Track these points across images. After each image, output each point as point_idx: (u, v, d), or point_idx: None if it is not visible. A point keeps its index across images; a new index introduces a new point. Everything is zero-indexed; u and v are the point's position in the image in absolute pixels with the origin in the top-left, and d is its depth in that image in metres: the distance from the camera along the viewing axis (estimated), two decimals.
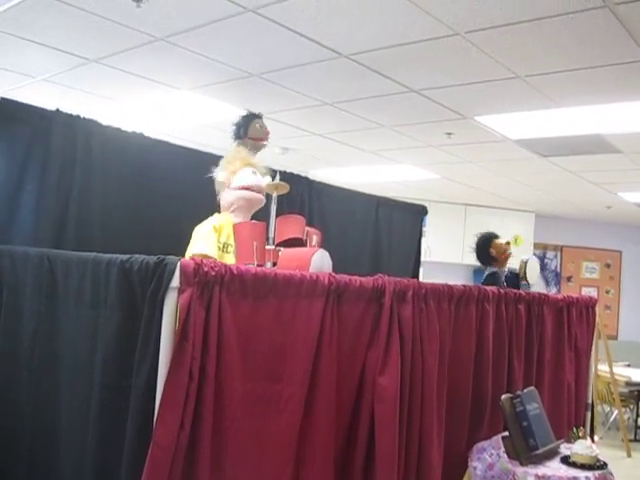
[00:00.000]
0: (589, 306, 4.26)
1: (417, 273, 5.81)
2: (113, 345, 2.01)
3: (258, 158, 3.39)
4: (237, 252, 2.89)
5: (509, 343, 3.38)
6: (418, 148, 6.31)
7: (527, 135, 5.51)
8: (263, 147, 3.53)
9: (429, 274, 8.04)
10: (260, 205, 3.26)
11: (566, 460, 3.09)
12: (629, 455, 6.47)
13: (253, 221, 3.02)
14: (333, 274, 2.40)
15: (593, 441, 3.56)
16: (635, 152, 5.78)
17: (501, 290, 3.38)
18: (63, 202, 3.23)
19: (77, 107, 3.59)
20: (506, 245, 4.23)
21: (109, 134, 3.46)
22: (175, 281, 1.86)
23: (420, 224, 5.90)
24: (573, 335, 4.01)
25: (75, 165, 3.29)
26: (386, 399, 2.43)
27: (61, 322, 2.31)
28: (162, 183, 3.63)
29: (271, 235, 3.08)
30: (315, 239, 3.11)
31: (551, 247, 10.56)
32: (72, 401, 2.18)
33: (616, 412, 7.08)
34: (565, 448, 3.27)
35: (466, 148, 6.16)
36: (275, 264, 2.83)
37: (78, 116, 3.33)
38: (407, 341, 2.57)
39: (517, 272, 4.13)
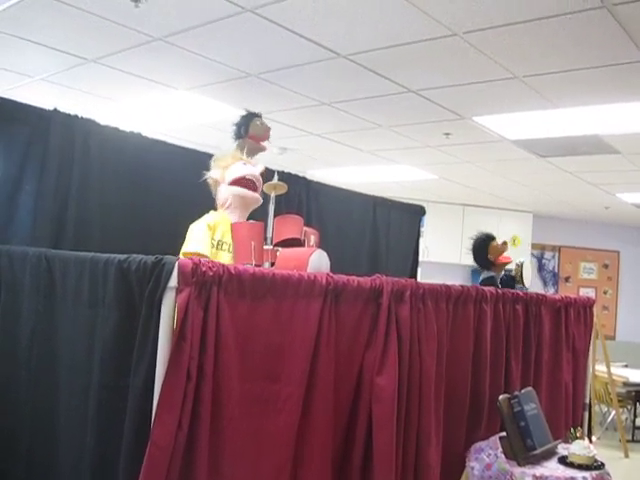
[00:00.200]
0: (587, 306, 4.26)
1: (415, 273, 5.81)
2: (111, 345, 2.01)
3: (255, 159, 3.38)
4: (235, 252, 2.89)
5: (507, 343, 3.38)
6: (416, 148, 6.31)
7: (525, 135, 5.51)
8: (263, 150, 3.50)
9: (427, 274, 8.05)
10: (256, 202, 3.23)
11: (564, 460, 3.10)
12: (626, 455, 6.48)
13: (251, 221, 3.02)
14: (331, 274, 2.40)
15: (591, 441, 3.55)
16: (633, 153, 5.78)
17: (499, 290, 3.39)
18: (61, 202, 3.23)
19: (75, 107, 3.59)
20: (503, 245, 4.16)
21: (107, 134, 3.46)
22: (173, 281, 1.86)
23: (418, 224, 5.90)
24: (571, 335, 4.02)
25: (73, 165, 3.29)
26: (384, 399, 2.43)
27: (59, 322, 2.31)
28: (160, 182, 3.63)
29: (269, 235, 3.08)
30: (313, 239, 3.11)
31: (549, 247, 10.57)
32: (70, 400, 2.18)
33: (614, 412, 7.08)
34: (563, 448, 3.27)
35: (464, 148, 6.16)
36: (273, 264, 2.84)
37: (76, 116, 3.33)
38: (405, 341, 2.58)
39: (512, 274, 4.12)
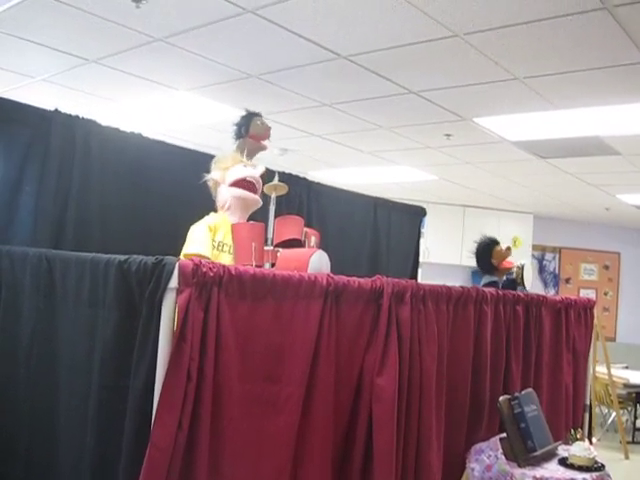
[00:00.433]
0: (587, 308, 4.26)
1: (415, 274, 5.81)
2: (111, 345, 2.01)
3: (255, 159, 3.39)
4: (236, 253, 2.89)
5: (507, 344, 3.38)
6: (417, 149, 6.31)
7: (526, 137, 5.51)
8: (264, 149, 3.50)
9: (427, 275, 8.05)
10: (256, 204, 3.24)
11: (564, 462, 3.10)
12: (627, 457, 6.47)
13: (252, 222, 3.02)
14: (331, 275, 2.40)
15: (591, 443, 3.55)
16: (634, 154, 5.78)
17: (499, 291, 3.39)
18: (62, 202, 3.23)
19: (76, 107, 3.58)
20: (507, 251, 4.16)
21: (108, 134, 3.46)
22: (173, 282, 1.86)
23: (418, 225, 5.90)
24: (571, 337, 4.02)
25: (74, 165, 3.28)
26: (384, 399, 2.43)
27: (59, 322, 2.31)
28: (160, 183, 3.63)
29: (270, 236, 3.08)
30: (313, 240, 3.11)
31: (549, 249, 10.57)
32: (70, 401, 2.18)
33: (614, 414, 7.08)
34: (563, 450, 3.27)
35: (465, 149, 6.16)
36: (274, 265, 2.84)
37: (77, 116, 3.33)
38: (405, 342, 2.57)
39: (513, 277, 4.12)
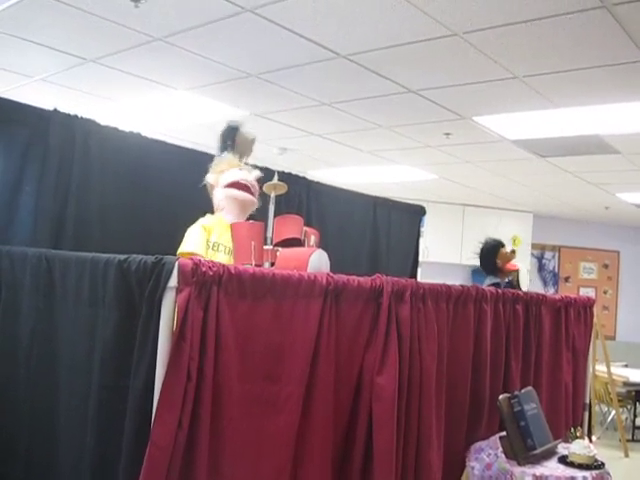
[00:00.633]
0: (587, 306, 4.26)
1: (415, 273, 5.81)
2: (111, 345, 2.01)
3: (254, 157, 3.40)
4: (235, 252, 2.89)
5: (507, 343, 3.38)
6: (416, 148, 6.30)
7: (525, 135, 5.51)
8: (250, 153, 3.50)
9: (427, 274, 8.05)
10: (251, 205, 3.25)
11: (564, 460, 3.10)
12: (626, 455, 6.48)
13: (251, 221, 3.02)
14: (331, 274, 2.39)
15: (591, 441, 3.55)
16: (633, 153, 5.78)
17: (499, 290, 3.39)
18: (61, 202, 3.23)
19: (75, 107, 3.58)
20: (511, 254, 4.22)
21: (107, 134, 3.46)
22: (173, 281, 1.86)
23: (418, 224, 5.90)
24: (571, 335, 4.01)
25: (73, 164, 3.29)
26: (384, 398, 2.43)
27: (59, 322, 2.31)
28: (160, 183, 3.63)
29: (269, 235, 3.08)
30: (313, 239, 3.11)
31: (549, 247, 10.57)
32: (70, 401, 2.18)
33: (614, 412, 7.09)
34: (563, 448, 3.27)
35: (464, 148, 6.16)
36: (273, 264, 2.84)
37: (76, 116, 3.33)
38: (405, 341, 2.57)
39: (510, 280, 4.16)
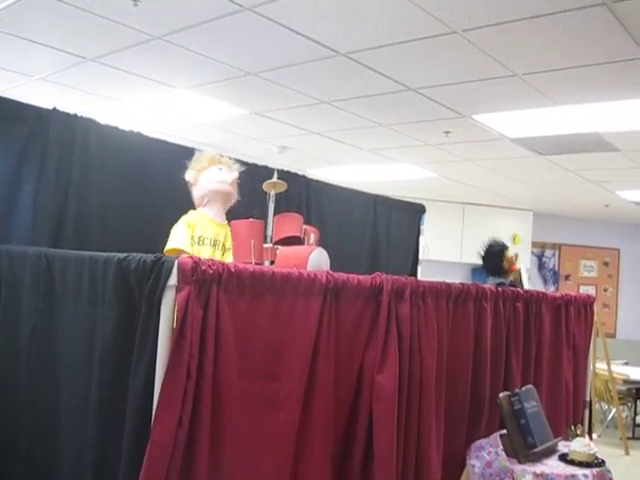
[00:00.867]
0: (587, 304, 4.26)
1: (415, 271, 5.81)
2: (110, 344, 2.01)
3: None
4: (235, 250, 2.90)
5: (507, 341, 3.38)
6: (416, 147, 6.30)
7: (525, 133, 5.50)
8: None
9: (427, 273, 8.04)
10: (231, 198, 3.31)
11: (564, 458, 3.10)
12: (627, 453, 6.47)
13: (251, 219, 3.02)
14: (331, 272, 2.39)
15: (591, 439, 3.55)
16: (633, 150, 5.78)
17: (499, 288, 3.39)
18: (61, 200, 3.23)
19: (75, 106, 3.58)
20: (515, 257, 4.38)
21: (106, 133, 3.45)
22: (173, 279, 1.86)
23: (418, 222, 5.90)
24: (571, 333, 4.01)
25: (72, 163, 3.28)
26: (384, 397, 2.43)
27: (59, 321, 2.31)
28: (159, 181, 3.62)
29: (269, 233, 3.08)
30: (313, 237, 3.11)
31: (549, 245, 10.57)
32: (70, 400, 2.18)
33: (614, 410, 7.08)
34: (563, 446, 3.27)
35: (464, 147, 6.16)
36: (273, 262, 2.84)
37: (75, 115, 3.33)
38: (405, 339, 2.57)
39: (512, 280, 4.24)
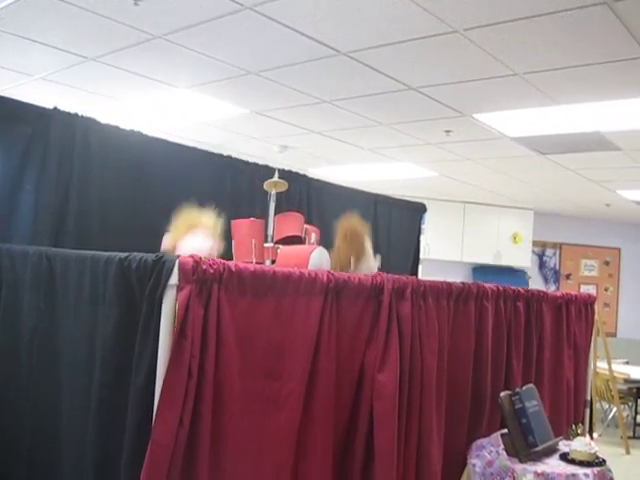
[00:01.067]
0: (588, 303, 4.26)
1: (416, 271, 5.81)
2: (112, 343, 2.01)
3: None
4: (236, 249, 2.90)
5: (508, 340, 3.38)
6: (417, 146, 6.30)
7: (526, 132, 5.50)
8: None
9: (428, 272, 8.04)
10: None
11: (565, 457, 3.10)
12: (628, 452, 6.47)
13: (251, 219, 3.02)
14: (332, 271, 2.40)
15: (592, 438, 3.56)
16: (634, 149, 5.77)
17: (500, 287, 3.38)
18: (62, 199, 3.23)
19: (76, 105, 3.58)
20: None
21: (107, 132, 3.46)
22: (174, 279, 1.86)
23: (419, 222, 5.91)
24: (572, 332, 4.01)
25: (73, 162, 3.29)
26: (385, 396, 2.43)
27: (60, 320, 2.31)
28: (160, 179, 3.63)
29: (270, 233, 3.08)
30: (314, 237, 3.12)
31: (550, 245, 10.56)
32: (71, 399, 2.18)
33: (615, 409, 7.08)
34: (564, 445, 3.28)
35: (465, 146, 6.15)
36: (274, 261, 2.84)
37: (76, 114, 3.33)
38: (406, 338, 2.57)
39: None
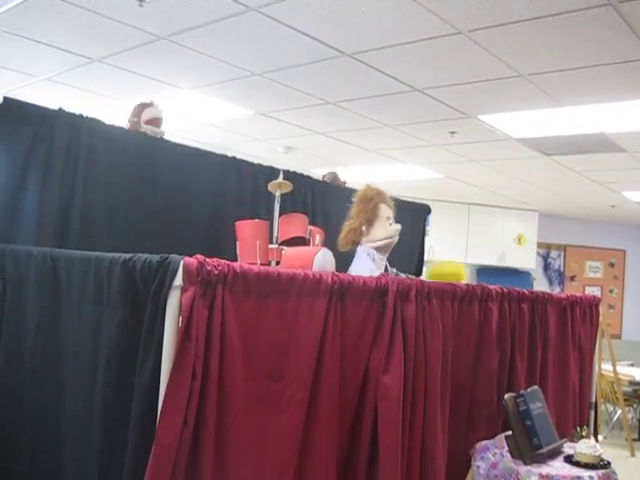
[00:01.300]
0: (593, 305, 4.25)
1: (420, 272, 5.80)
2: (116, 344, 2.02)
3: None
4: (240, 251, 2.90)
5: (512, 342, 3.37)
6: (421, 147, 6.29)
7: (531, 134, 5.49)
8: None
9: None
10: None
11: (570, 459, 3.09)
12: (633, 454, 6.45)
13: (256, 220, 3.02)
14: (336, 273, 2.39)
15: (597, 440, 3.54)
16: (639, 151, 5.76)
17: (504, 289, 3.37)
18: (67, 200, 3.23)
19: (80, 106, 3.59)
20: None
21: (112, 133, 3.45)
22: (178, 280, 1.86)
23: (423, 223, 5.89)
24: (577, 334, 4.00)
25: (78, 163, 3.28)
26: (390, 397, 2.43)
27: (64, 321, 2.31)
28: (164, 180, 3.63)
29: (274, 234, 3.08)
30: (318, 238, 3.12)
31: (555, 246, 10.54)
32: (75, 399, 2.18)
33: (620, 411, 7.06)
34: (569, 447, 3.26)
35: (469, 147, 6.15)
36: (278, 263, 2.84)
37: (81, 115, 3.33)
38: (410, 340, 2.57)
39: None
